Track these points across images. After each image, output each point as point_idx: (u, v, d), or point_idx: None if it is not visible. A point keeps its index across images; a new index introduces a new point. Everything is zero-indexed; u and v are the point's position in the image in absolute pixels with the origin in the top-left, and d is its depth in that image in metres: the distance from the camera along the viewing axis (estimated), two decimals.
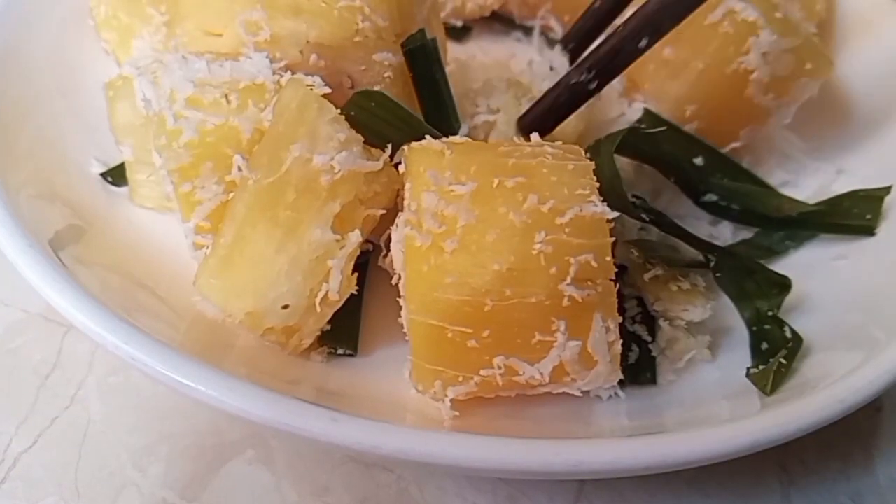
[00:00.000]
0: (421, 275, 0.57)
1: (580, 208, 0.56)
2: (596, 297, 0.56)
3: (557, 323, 0.56)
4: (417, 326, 0.57)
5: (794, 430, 0.54)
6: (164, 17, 0.75)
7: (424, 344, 0.58)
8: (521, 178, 0.57)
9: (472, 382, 0.58)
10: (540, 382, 0.57)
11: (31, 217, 0.62)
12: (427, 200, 0.57)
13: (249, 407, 0.52)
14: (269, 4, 0.63)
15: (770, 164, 0.83)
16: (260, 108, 0.61)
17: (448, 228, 0.56)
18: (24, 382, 0.67)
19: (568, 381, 0.58)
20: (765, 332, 0.67)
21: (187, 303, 0.64)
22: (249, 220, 0.58)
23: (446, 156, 0.59)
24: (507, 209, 0.56)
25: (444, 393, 0.58)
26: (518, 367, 0.57)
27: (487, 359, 0.57)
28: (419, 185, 0.58)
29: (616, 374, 0.59)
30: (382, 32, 0.64)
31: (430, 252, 0.56)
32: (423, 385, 0.59)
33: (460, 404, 0.59)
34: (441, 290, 0.56)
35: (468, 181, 0.57)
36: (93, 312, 0.55)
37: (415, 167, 0.59)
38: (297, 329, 0.61)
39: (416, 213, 0.57)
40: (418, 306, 0.57)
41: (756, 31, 0.73)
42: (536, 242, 0.55)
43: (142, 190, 0.71)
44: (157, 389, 0.66)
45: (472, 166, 0.58)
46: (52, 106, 0.75)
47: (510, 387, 0.58)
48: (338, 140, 0.58)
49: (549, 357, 0.56)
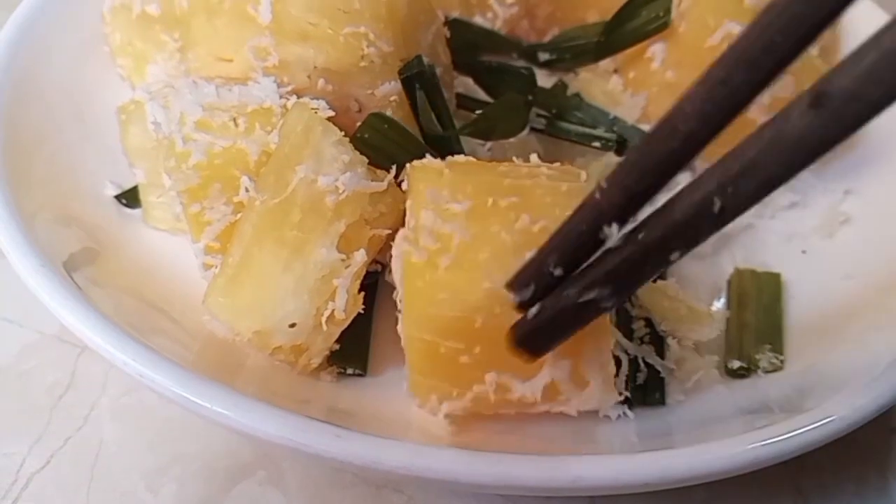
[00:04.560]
0: (416, 290, 0.57)
1: None
2: None
3: None
4: (413, 341, 0.58)
5: (795, 448, 0.54)
6: (178, 44, 0.76)
7: (419, 358, 0.58)
8: (514, 198, 0.58)
9: (467, 398, 0.58)
10: (533, 401, 0.58)
11: (46, 239, 0.63)
12: (425, 218, 0.58)
13: (255, 423, 0.53)
14: (276, 31, 0.65)
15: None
16: (267, 130, 0.62)
17: (443, 245, 0.57)
18: (38, 403, 0.68)
19: (563, 401, 0.59)
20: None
21: (199, 323, 0.65)
22: (256, 239, 0.59)
23: (445, 174, 0.60)
24: (500, 228, 0.57)
25: (438, 407, 0.59)
26: (510, 384, 0.57)
27: (480, 375, 0.57)
28: (418, 203, 0.59)
29: (612, 395, 0.59)
30: (388, 58, 0.65)
31: (425, 268, 0.57)
32: (420, 398, 0.60)
33: (463, 421, 0.60)
34: (435, 306, 0.56)
35: (464, 200, 0.58)
36: (106, 333, 0.56)
37: (415, 185, 0.60)
38: (306, 348, 0.62)
39: (413, 230, 0.58)
40: (413, 321, 0.58)
41: None
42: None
43: (155, 212, 0.72)
44: (169, 411, 0.67)
45: (469, 185, 0.59)
46: (68, 130, 0.76)
47: (504, 404, 0.59)
48: (342, 161, 0.59)
49: (539, 375, 0.57)
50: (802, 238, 0.79)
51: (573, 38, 0.85)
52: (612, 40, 0.82)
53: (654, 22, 0.78)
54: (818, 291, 0.73)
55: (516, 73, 0.79)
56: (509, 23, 0.88)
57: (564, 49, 0.86)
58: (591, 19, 0.87)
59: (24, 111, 0.72)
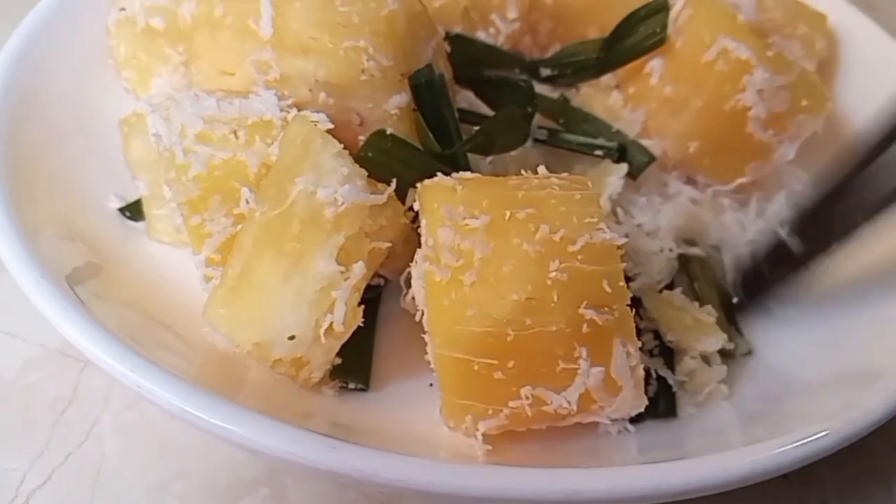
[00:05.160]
0: (443, 309, 0.58)
1: (590, 236, 0.58)
2: (614, 323, 0.57)
3: (579, 350, 0.57)
4: (444, 361, 0.58)
5: (791, 462, 0.54)
6: (183, 57, 0.77)
7: (453, 378, 0.58)
8: (531, 210, 0.59)
9: (503, 415, 0.58)
10: (569, 412, 0.58)
11: (49, 253, 0.63)
12: (443, 235, 0.58)
13: (251, 434, 0.52)
14: (278, 45, 0.65)
15: (779, 201, 0.83)
16: (267, 143, 0.62)
17: (466, 262, 0.58)
18: (40, 418, 0.67)
19: (596, 409, 0.59)
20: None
21: (202, 337, 0.65)
22: (256, 251, 0.60)
23: (458, 191, 0.60)
24: (520, 240, 0.58)
25: (475, 428, 0.59)
26: (545, 397, 0.57)
27: (515, 390, 0.57)
28: (435, 221, 0.59)
29: (642, 400, 0.60)
30: (388, 72, 0.66)
31: (450, 286, 0.58)
32: (455, 421, 0.60)
33: (492, 439, 0.60)
34: (464, 323, 0.57)
35: (481, 215, 0.58)
36: (108, 347, 0.56)
37: (429, 204, 0.61)
38: (307, 361, 0.62)
39: (433, 249, 0.59)
40: (443, 340, 0.58)
41: (750, 69, 0.75)
42: (551, 271, 0.57)
43: (158, 224, 0.72)
44: (172, 426, 0.67)
45: (485, 200, 0.59)
46: (72, 143, 0.77)
47: (540, 417, 0.59)
48: (341, 174, 0.59)
49: (574, 385, 0.57)
50: None
51: (574, 54, 0.86)
52: (612, 56, 0.82)
53: (651, 38, 0.79)
54: (817, 305, 0.73)
55: (515, 85, 0.79)
56: (511, 38, 0.89)
57: (566, 65, 0.86)
58: (591, 35, 0.88)
59: (27, 124, 0.73)
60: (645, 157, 0.79)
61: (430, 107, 0.69)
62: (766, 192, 0.84)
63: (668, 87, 0.79)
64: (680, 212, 0.78)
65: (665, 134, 0.81)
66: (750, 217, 0.82)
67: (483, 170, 0.73)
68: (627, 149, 0.79)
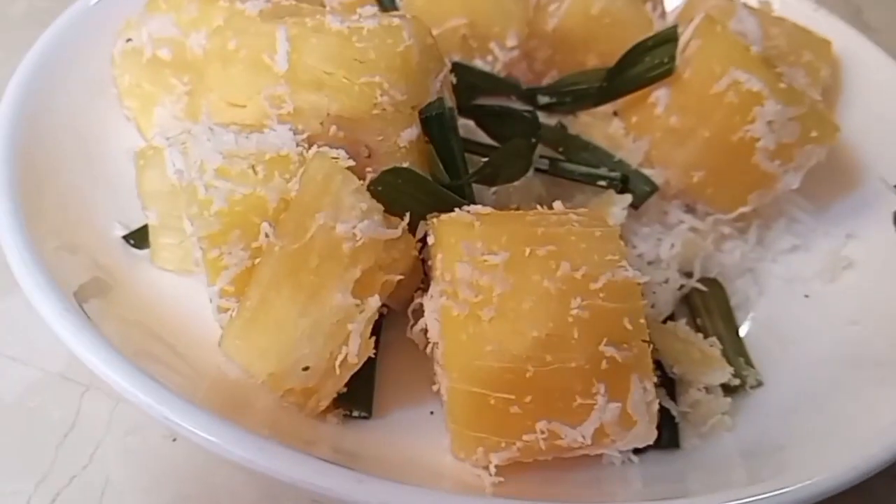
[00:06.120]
0: (460, 343, 0.58)
1: (612, 273, 0.59)
2: (632, 359, 0.58)
3: (597, 386, 0.57)
4: (459, 394, 0.59)
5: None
6: (187, 87, 0.77)
7: (466, 411, 0.59)
8: (552, 247, 0.59)
9: (515, 448, 0.59)
10: (581, 445, 0.58)
11: (58, 270, 0.64)
12: (462, 271, 0.59)
13: (275, 466, 0.53)
14: (292, 79, 0.66)
15: (779, 229, 0.85)
16: (285, 178, 0.63)
17: (484, 297, 0.58)
18: (43, 441, 0.68)
19: (608, 443, 0.59)
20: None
21: (207, 362, 0.65)
22: (274, 284, 0.60)
23: (476, 227, 0.61)
24: (541, 277, 0.58)
25: (486, 459, 0.59)
26: (560, 431, 0.58)
27: (530, 424, 0.58)
28: (452, 256, 0.60)
29: (653, 434, 0.60)
30: (400, 106, 0.66)
31: (468, 321, 0.58)
32: (465, 452, 0.60)
33: (498, 468, 0.60)
34: (482, 358, 0.57)
35: (500, 251, 0.59)
36: (117, 366, 0.57)
37: (446, 238, 0.61)
38: (316, 391, 0.62)
39: (451, 284, 0.59)
40: (460, 374, 0.58)
41: (761, 101, 0.75)
42: (573, 308, 0.57)
43: (163, 253, 0.72)
44: (174, 450, 0.67)
45: (503, 236, 0.60)
46: (75, 170, 0.77)
47: (551, 450, 0.59)
48: (360, 209, 0.60)
49: (590, 420, 0.58)
50: (804, 282, 0.81)
51: (574, 83, 0.87)
52: (616, 85, 0.83)
53: (658, 68, 0.79)
54: (821, 336, 0.74)
55: (520, 116, 0.80)
56: (508, 66, 0.90)
57: (565, 93, 0.87)
58: (590, 63, 0.89)
59: (31, 150, 0.73)
60: (648, 187, 0.80)
61: (439, 139, 0.69)
62: (765, 219, 0.85)
63: (674, 117, 0.80)
64: (682, 241, 0.79)
65: (669, 163, 0.81)
66: (749, 245, 0.82)
67: (487, 200, 0.74)
68: (630, 178, 0.79)
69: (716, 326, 0.76)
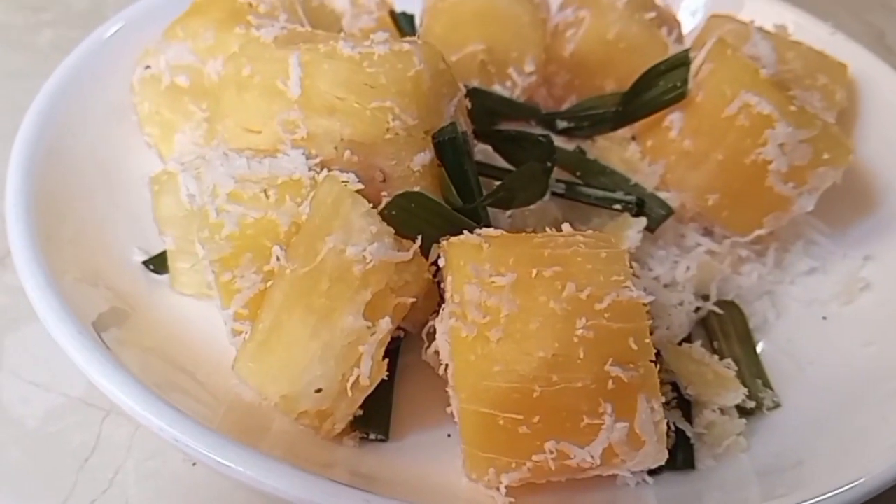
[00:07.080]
0: (469, 364, 0.59)
1: (617, 294, 0.59)
2: (638, 379, 0.58)
3: (604, 406, 0.57)
4: (469, 415, 0.59)
5: None
6: (206, 114, 0.78)
7: (477, 432, 0.59)
8: (558, 268, 0.59)
9: (525, 468, 0.59)
10: (591, 465, 0.58)
11: (76, 299, 0.64)
12: (470, 292, 0.59)
13: (285, 487, 0.53)
14: (305, 105, 0.67)
15: (797, 251, 0.84)
16: (297, 202, 0.63)
17: (492, 318, 0.58)
18: (64, 466, 0.68)
19: (618, 463, 0.59)
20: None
21: (225, 386, 0.65)
22: (286, 307, 0.61)
23: (485, 249, 0.61)
24: (547, 298, 0.58)
25: (498, 480, 0.59)
26: (569, 451, 0.58)
27: (539, 444, 0.58)
28: (461, 278, 0.60)
29: (663, 454, 0.60)
30: (412, 130, 0.67)
31: (476, 342, 0.58)
32: (477, 473, 0.60)
33: (512, 490, 0.60)
34: (490, 379, 0.58)
35: (507, 272, 0.59)
36: (135, 394, 0.57)
37: (455, 261, 0.61)
38: (330, 413, 0.63)
39: (460, 305, 0.59)
40: (469, 395, 0.59)
41: (772, 123, 0.75)
42: (578, 328, 0.57)
43: (182, 277, 0.73)
44: (193, 474, 0.67)
45: (511, 258, 0.60)
46: (96, 197, 0.78)
47: (562, 471, 0.59)
48: (370, 232, 0.60)
49: (598, 439, 0.58)
50: (822, 304, 0.80)
51: (591, 107, 0.87)
52: (631, 109, 0.83)
53: (671, 92, 0.80)
54: (838, 358, 0.74)
55: (535, 140, 0.80)
56: (527, 91, 0.91)
57: (583, 118, 0.88)
58: (608, 87, 0.90)
59: (52, 177, 0.74)
60: (663, 210, 0.80)
61: (452, 163, 0.70)
62: (783, 242, 0.84)
63: (688, 141, 0.80)
64: (698, 264, 0.79)
65: (684, 186, 0.81)
66: (767, 268, 0.82)
67: (502, 224, 0.75)
68: (645, 202, 0.80)
69: (732, 349, 0.75)
